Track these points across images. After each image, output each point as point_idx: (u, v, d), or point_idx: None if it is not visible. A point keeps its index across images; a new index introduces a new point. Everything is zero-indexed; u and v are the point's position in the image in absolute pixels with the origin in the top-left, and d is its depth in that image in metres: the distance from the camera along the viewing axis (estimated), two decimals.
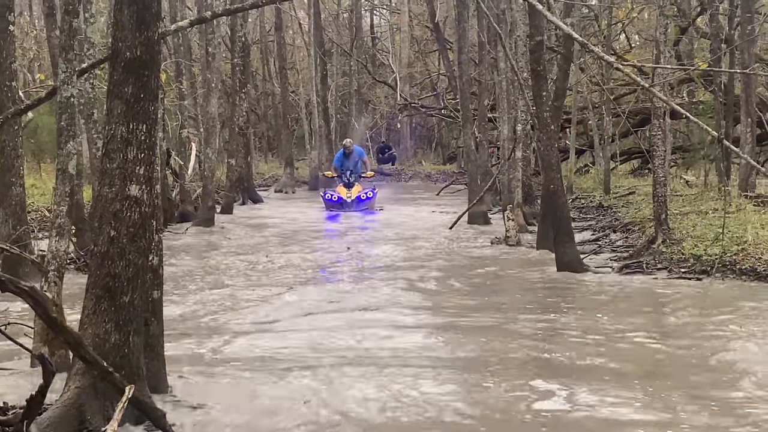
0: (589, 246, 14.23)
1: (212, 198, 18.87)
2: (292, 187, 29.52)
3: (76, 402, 4.99)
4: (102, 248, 5.22)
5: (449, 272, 11.97)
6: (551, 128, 12.89)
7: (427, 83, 39.79)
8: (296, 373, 6.71)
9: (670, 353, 7.38)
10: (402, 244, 15.12)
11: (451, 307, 9.49)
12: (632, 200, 19.05)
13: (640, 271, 11.59)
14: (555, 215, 12.41)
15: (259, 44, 36.45)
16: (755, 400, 6.03)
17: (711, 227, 12.64)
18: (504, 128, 18.22)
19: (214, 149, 19.26)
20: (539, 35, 12.81)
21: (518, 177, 16.79)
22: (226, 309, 9.39)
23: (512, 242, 14.43)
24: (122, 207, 5.20)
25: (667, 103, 7.58)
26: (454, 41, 26.65)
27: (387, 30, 43.27)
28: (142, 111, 5.21)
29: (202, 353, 7.37)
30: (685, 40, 24.75)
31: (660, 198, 12.49)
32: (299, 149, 35.36)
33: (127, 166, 5.19)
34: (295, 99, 35.99)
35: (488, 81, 22.27)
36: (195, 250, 14.48)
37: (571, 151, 24.37)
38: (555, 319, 8.92)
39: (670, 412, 5.79)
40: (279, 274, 11.86)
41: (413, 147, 39.89)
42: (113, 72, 5.27)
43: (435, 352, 7.53)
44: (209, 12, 6.96)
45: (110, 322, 5.15)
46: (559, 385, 6.38)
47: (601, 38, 23.60)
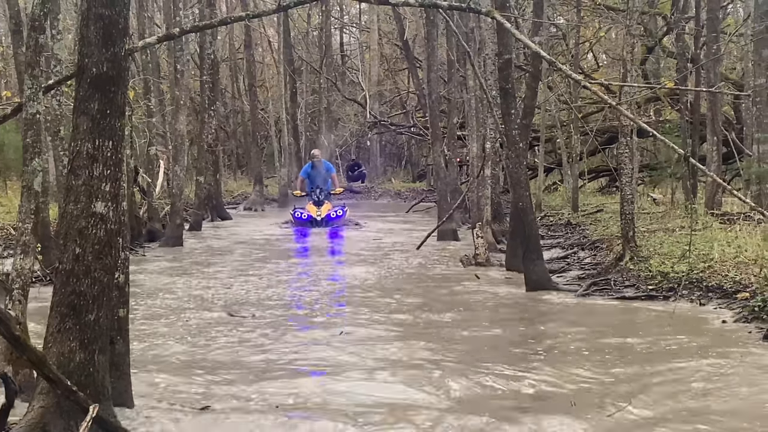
0: (557, 263, 14.30)
1: (180, 216, 18.75)
2: (261, 205, 29.44)
3: (40, 422, 4.92)
4: (67, 266, 5.16)
5: (415, 295, 11.83)
6: (520, 146, 12.94)
7: (396, 101, 39.95)
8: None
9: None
10: (369, 263, 15.04)
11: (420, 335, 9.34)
12: (600, 218, 19.18)
13: (608, 288, 11.63)
14: (524, 233, 12.44)
15: (229, 62, 36.42)
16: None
17: (678, 245, 12.73)
18: (473, 146, 18.27)
19: (182, 167, 19.16)
20: (507, 53, 12.87)
21: (487, 194, 16.83)
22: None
23: (481, 260, 14.44)
24: (88, 224, 5.14)
25: (634, 121, 7.63)
26: (423, 59, 26.80)
27: (357, 48, 43.40)
28: (109, 127, 5.17)
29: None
30: (651, 59, 25.02)
31: (627, 215, 12.57)
32: (268, 167, 35.31)
33: (93, 183, 5.14)
34: (265, 116, 35.96)
35: (457, 99, 22.36)
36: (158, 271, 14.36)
37: (539, 168, 24.51)
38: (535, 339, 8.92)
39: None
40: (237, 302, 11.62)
41: (383, 165, 39.97)
42: (79, 88, 5.22)
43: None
44: (177, 29, 6.91)
45: (75, 340, 5.08)
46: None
47: (569, 57, 23.79)
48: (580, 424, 5.86)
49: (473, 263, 14.35)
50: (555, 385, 6.91)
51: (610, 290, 11.51)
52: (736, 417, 6.02)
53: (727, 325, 9.19)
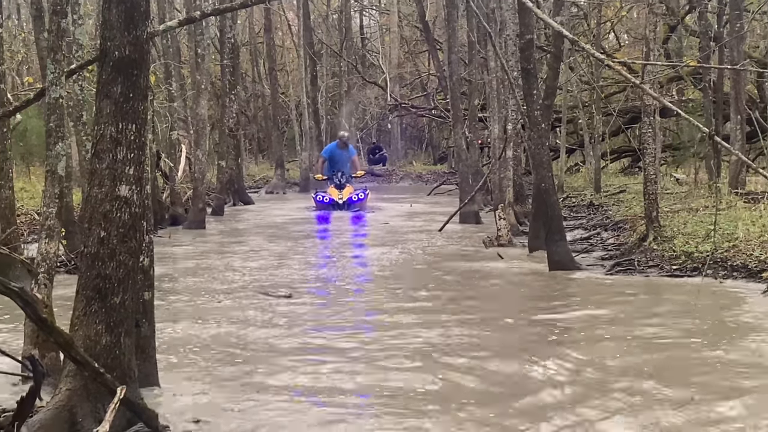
0: (580, 244, 14.24)
1: (203, 200, 18.82)
2: (282, 189, 29.51)
3: (67, 404, 4.95)
4: (92, 249, 5.18)
5: (439, 276, 11.89)
6: (542, 127, 12.87)
7: (417, 83, 39.84)
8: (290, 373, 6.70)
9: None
10: (393, 246, 15.05)
11: (445, 320, 9.31)
12: (623, 198, 19.10)
13: (632, 268, 11.58)
14: (546, 214, 12.38)
15: (249, 46, 36.42)
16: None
17: (702, 224, 12.65)
18: (494, 127, 18.19)
19: (204, 151, 19.21)
20: (529, 34, 12.78)
21: (509, 176, 16.77)
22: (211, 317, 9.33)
23: (504, 242, 14.42)
24: (112, 207, 5.16)
25: (658, 100, 7.57)
26: (443, 41, 26.68)
27: (376, 30, 43.30)
28: (132, 110, 5.18)
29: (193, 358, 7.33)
30: (674, 38, 24.83)
31: (651, 196, 12.49)
32: (290, 151, 35.35)
33: (117, 167, 5.16)
34: (285, 100, 35.97)
35: (478, 80, 22.27)
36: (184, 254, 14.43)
37: (561, 149, 24.41)
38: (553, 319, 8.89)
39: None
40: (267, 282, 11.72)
41: (404, 147, 39.94)
42: (102, 71, 5.23)
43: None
44: (198, 12, 6.92)
45: (101, 323, 5.11)
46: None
47: (591, 37, 23.63)
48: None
49: (496, 245, 14.32)
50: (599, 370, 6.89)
51: (633, 271, 11.47)
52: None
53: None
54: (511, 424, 5.53)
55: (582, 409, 5.77)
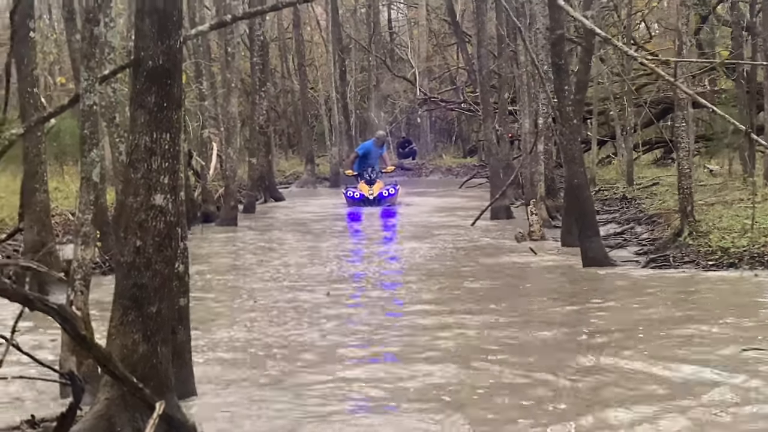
0: (614, 239, 14.12)
1: (234, 197, 18.90)
2: (313, 184, 29.57)
3: (106, 414, 4.97)
4: (128, 258, 5.20)
5: (473, 272, 11.89)
6: (574, 122, 12.79)
7: (446, 77, 39.68)
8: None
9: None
10: (425, 241, 15.06)
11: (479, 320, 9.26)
12: (656, 191, 18.92)
13: (667, 264, 11.48)
14: (579, 210, 12.31)
15: (278, 42, 36.45)
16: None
17: (737, 218, 12.52)
18: (525, 121, 18.11)
19: (235, 149, 19.28)
20: (560, 29, 12.69)
21: (540, 170, 16.70)
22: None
23: (536, 237, 14.36)
24: (147, 217, 5.18)
25: (693, 97, 7.49)
26: (472, 34, 26.57)
27: (405, 24, 43.17)
28: (166, 120, 5.18)
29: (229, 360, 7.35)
30: (705, 28, 24.56)
31: (685, 190, 12.35)
32: (319, 146, 35.38)
33: (152, 176, 5.17)
34: (315, 95, 35.98)
35: (508, 74, 22.14)
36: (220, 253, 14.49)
37: (593, 142, 24.24)
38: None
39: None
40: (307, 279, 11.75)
41: (433, 141, 39.82)
42: (136, 81, 5.25)
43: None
44: (229, 15, 6.92)
45: (138, 332, 5.12)
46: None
47: (621, 28, 23.43)
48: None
49: (528, 240, 14.26)
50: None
51: (669, 266, 11.37)
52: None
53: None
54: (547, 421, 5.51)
55: (615, 412, 5.72)
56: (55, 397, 6.03)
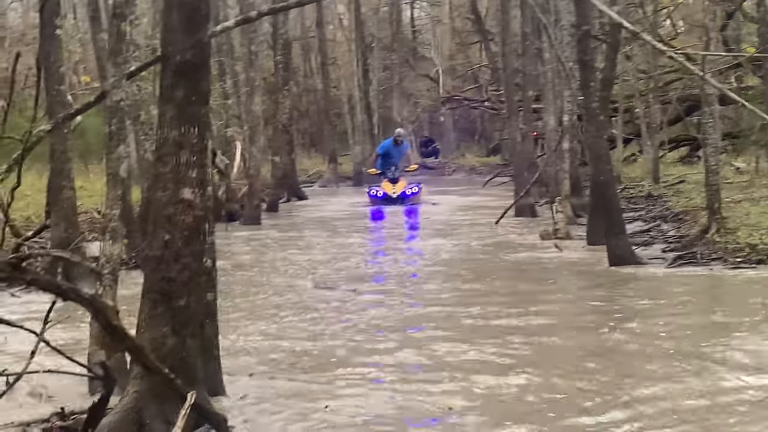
0: (640, 237, 14.01)
1: (258, 196, 18.94)
2: (336, 183, 29.58)
3: (135, 406, 4.98)
4: (156, 252, 5.21)
5: (498, 270, 11.85)
6: (600, 119, 12.72)
7: (469, 75, 39.61)
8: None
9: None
10: (449, 238, 15.05)
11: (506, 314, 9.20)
12: (682, 189, 18.78)
13: (694, 261, 11.39)
14: (605, 208, 12.22)
15: (300, 41, 36.51)
16: None
17: (765, 215, 12.41)
18: (549, 119, 18.06)
19: (258, 147, 19.32)
20: (586, 25, 12.64)
21: (565, 168, 16.61)
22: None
23: (561, 235, 14.27)
24: (176, 211, 5.19)
25: (722, 91, 7.43)
26: (496, 32, 26.50)
27: (427, 23, 43.13)
28: (194, 114, 5.19)
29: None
30: (732, 24, 24.36)
31: (713, 187, 12.25)
32: (342, 144, 35.38)
33: (180, 170, 5.18)
34: (337, 94, 36.01)
35: (532, 72, 22.05)
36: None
37: (618, 139, 24.09)
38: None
39: None
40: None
41: (456, 140, 39.76)
42: (164, 76, 5.26)
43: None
44: (255, 12, 6.92)
45: (167, 326, 5.14)
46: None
47: (647, 25, 23.27)
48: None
49: (553, 238, 14.18)
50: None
51: (696, 263, 11.27)
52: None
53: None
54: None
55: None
56: (82, 393, 6.03)
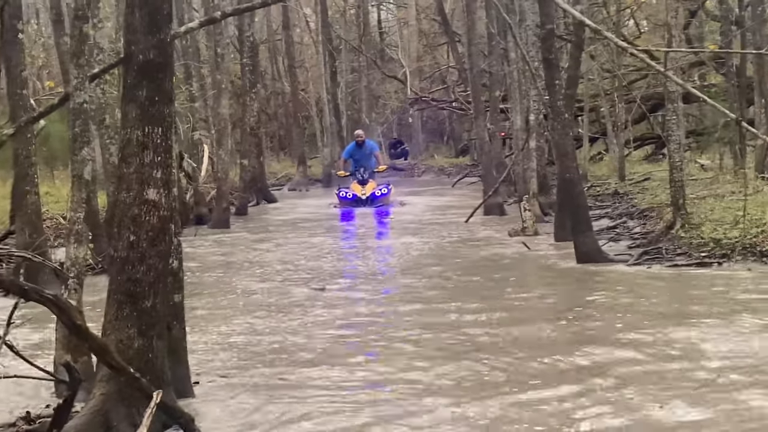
0: (606, 234, 14.13)
1: (227, 199, 18.85)
2: (305, 186, 29.50)
3: (102, 409, 4.96)
4: (122, 253, 5.20)
5: (467, 268, 11.93)
6: (565, 117, 12.81)
7: (436, 76, 39.66)
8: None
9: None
10: (418, 237, 15.10)
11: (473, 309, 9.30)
12: (648, 186, 18.95)
13: (660, 257, 11.50)
14: (572, 205, 12.32)
15: (267, 43, 36.40)
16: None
17: (729, 210, 12.54)
18: (516, 119, 18.15)
19: (226, 150, 19.24)
20: (550, 23, 12.72)
21: (533, 167, 16.71)
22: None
23: (530, 233, 14.37)
24: (141, 211, 5.17)
25: (684, 87, 7.50)
26: (462, 33, 26.58)
27: (395, 24, 43.16)
28: (158, 114, 5.18)
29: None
30: (695, 23, 24.61)
31: (677, 183, 12.38)
32: (311, 147, 35.32)
33: (144, 170, 5.16)
34: (305, 97, 35.95)
35: (499, 72, 22.17)
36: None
37: (584, 138, 24.25)
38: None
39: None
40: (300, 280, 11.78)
41: (425, 141, 39.78)
42: (127, 76, 5.25)
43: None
44: (219, 12, 6.92)
45: (133, 327, 5.12)
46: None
47: (611, 24, 23.45)
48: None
49: (521, 235, 14.28)
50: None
51: (662, 259, 11.38)
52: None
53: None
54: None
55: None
56: (47, 400, 5.99)
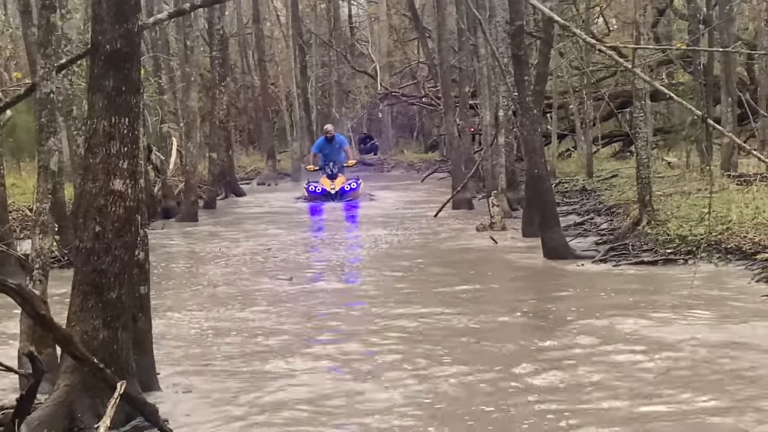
0: (574, 230, 14.22)
1: (195, 193, 18.76)
2: (274, 180, 29.41)
3: (66, 400, 4.94)
4: (87, 244, 5.16)
5: (435, 261, 11.99)
6: (534, 113, 12.86)
7: (407, 72, 39.68)
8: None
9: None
10: (387, 231, 15.13)
11: (438, 300, 9.36)
12: (615, 183, 19.09)
13: (626, 253, 11.58)
14: (540, 200, 12.39)
15: (237, 37, 36.22)
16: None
17: (695, 207, 12.66)
18: (486, 114, 18.19)
19: (195, 143, 19.14)
20: (519, 20, 12.77)
21: (501, 163, 16.76)
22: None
23: (497, 228, 14.43)
24: (107, 202, 5.14)
25: (651, 84, 7.56)
26: (433, 29, 26.62)
27: (365, 19, 43.13)
28: (125, 104, 5.15)
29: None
30: (663, 21, 24.79)
31: (644, 180, 12.48)
32: (280, 141, 35.22)
33: (111, 161, 5.13)
34: (275, 91, 35.81)
35: (468, 68, 22.21)
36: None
37: (553, 135, 24.37)
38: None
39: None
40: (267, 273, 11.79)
41: (395, 136, 39.78)
42: (94, 66, 5.20)
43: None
44: (188, 4, 6.88)
45: (98, 318, 5.09)
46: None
47: (580, 22, 23.57)
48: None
49: (489, 230, 14.33)
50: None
51: (628, 255, 11.46)
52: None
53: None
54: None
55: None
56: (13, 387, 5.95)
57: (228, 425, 5.34)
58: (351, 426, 5.37)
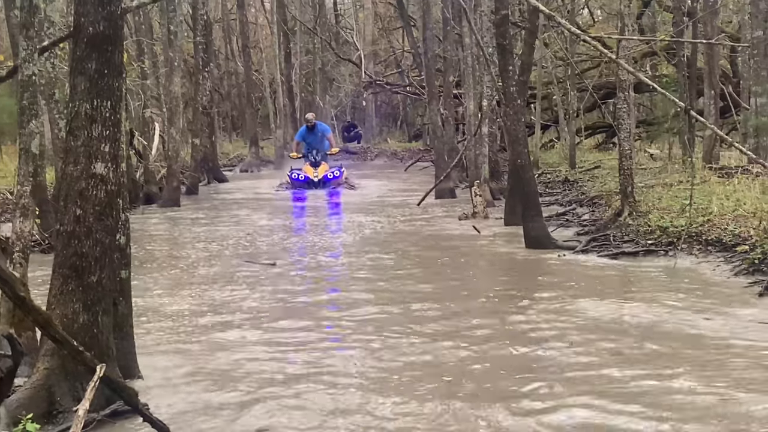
0: (556, 220, 14.26)
1: (177, 178, 18.73)
2: (257, 167, 29.40)
3: (46, 383, 4.92)
4: (68, 227, 5.13)
5: (417, 249, 12.00)
6: (518, 103, 12.87)
7: (391, 60, 39.70)
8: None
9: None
10: (370, 218, 15.15)
11: (416, 291, 9.39)
12: (598, 174, 19.16)
13: (607, 243, 11.62)
14: (522, 190, 12.41)
15: (222, 23, 36.13)
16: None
17: (676, 199, 12.71)
18: (470, 104, 18.21)
19: (177, 129, 19.08)
20: (504, 9, 12.77)
21: (485, 152, 16.79)
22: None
23: (480, 217, 14.48)
24: (88, 185, 5.11)
25: (634, 74, 7.58)
26: (418, 18, 26.60)
27: (350, 7, 43.06)
28: (107, 87, 5.11)
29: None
30: (647, 13, 24.86)
31: (626, 171, 12.52)
32: (264, 128, 35.19)
33: (92, 144, 5.10)
34: (259, 78, 35.74)
35: (453, 57, 22.22)
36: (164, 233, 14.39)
37: (536, 126, 24.44)
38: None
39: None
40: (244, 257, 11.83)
41: (378, 125, 39.81)
42: (76, 48, 5.16)
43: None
44: None
45: (78, 302, 5.07)
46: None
47: (565, 12, 23.62)
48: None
49: (471, 219, 14.38)
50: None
51: (609, 246, 11.51)
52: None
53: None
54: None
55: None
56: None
57: (207, 409, 5.34)
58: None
